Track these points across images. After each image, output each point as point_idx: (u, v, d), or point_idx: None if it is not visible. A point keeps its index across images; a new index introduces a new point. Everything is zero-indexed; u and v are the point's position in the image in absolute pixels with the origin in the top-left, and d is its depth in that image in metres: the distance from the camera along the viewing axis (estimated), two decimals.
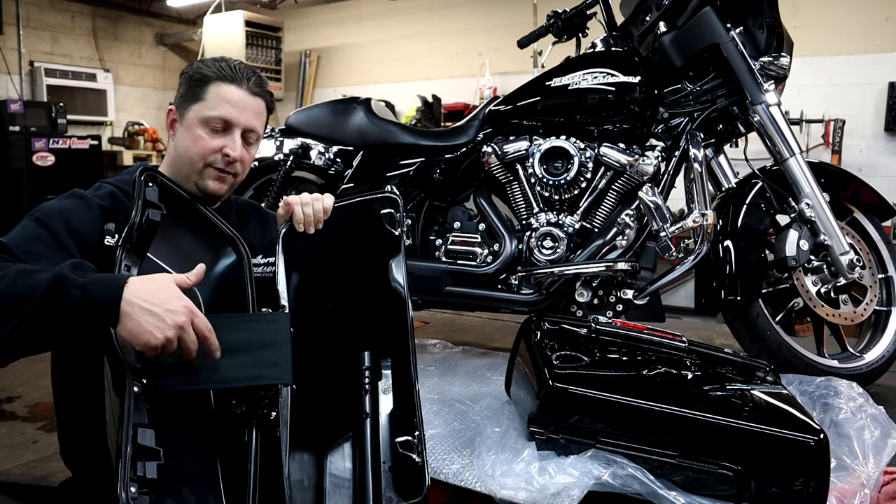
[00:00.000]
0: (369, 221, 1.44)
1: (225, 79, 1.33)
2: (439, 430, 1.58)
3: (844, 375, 1.93)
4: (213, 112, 1.31)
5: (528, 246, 2.15)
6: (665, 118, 2.13)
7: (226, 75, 1.33)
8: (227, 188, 1.37)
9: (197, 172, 1.33)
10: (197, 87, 1.33)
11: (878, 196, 2.15)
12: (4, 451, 2.16)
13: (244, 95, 1.34)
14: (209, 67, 1.34)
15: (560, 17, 2.35)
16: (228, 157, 1.32)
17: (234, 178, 1.37)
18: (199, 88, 1.33)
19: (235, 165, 1.34)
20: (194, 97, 1.33)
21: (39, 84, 6.37)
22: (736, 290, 1.95)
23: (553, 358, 1.44)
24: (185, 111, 1.34)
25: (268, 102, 1.41)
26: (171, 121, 1.37)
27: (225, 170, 1.34)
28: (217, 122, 1.32)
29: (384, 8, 6.61)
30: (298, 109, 2.52)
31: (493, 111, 2.25)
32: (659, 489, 1.24)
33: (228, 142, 1.33)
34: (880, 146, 4.67)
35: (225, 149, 1.32)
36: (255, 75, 1.38)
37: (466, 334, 2.69)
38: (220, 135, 1.33)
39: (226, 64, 1.35)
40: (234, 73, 1.34)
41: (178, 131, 1.36)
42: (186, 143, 1.33)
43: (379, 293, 1.42)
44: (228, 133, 1.33)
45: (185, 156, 1.33)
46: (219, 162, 1.33)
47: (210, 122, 1.32)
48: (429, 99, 6.04)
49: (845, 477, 1.38)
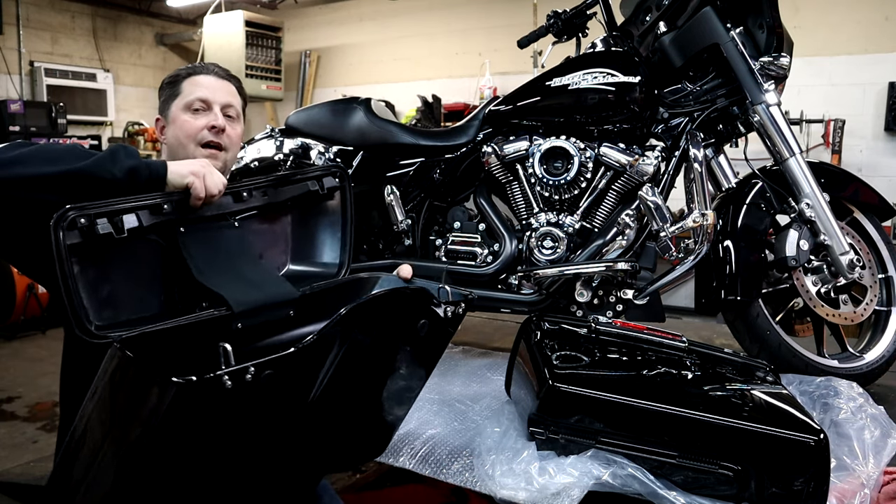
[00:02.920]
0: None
1: (193, 73, 1.49)
2: (439, 430, 1.58)
3: (844, 375, 1.93)
4: (191, 96, 1.45)
5: (528, 246, 2.15)
6: (665, 118, 2.13)
7: (194, 69, 1.50)
8: (220, 165, 1.45)
9: (191, 155, 1.42)
10: (173, 88, 1.49)
11: (878, 196, 2.15)
12: (4, 451, 2.16)
13: (213, 79, 1.49)
14: (181, 70, 1.51)
15: (560, 17, 2.35)
16: (215, 128, 1.44)
17: (224, 154, 1.47)
18: (174, 88, 1.48)
19: (223, 137, 1.45)
20: (172, 96, 1.48)
21: (39, 84, 6.37)
22: (736, 290, 1.95)
23: (553, 358, 1.44)
24: (168, 111, 1.48)
25: (237, 87, 1.54)
26: (161, 128, 1.50)
27: (214, 142, 1.44)
28: (196, 103, 1.45)
29: (384, 8, 6.61)
30: (298, 109, 2.52)
31: (493, 111, 2.25)
32: (659, 489, 1.24)
33: (211, 118, 1.45)
34: (880, 146, 4.67)
35: (209, 122, 1.44)
36: (219, 67, 1.53)
37: (466, 334, 2.69)
38: (203, 114, 1.45)
39: (194, 64, 1.53)
40: (201, 66, 1.51)
41: (167, 133, 1.48)
42: (176, 133, 1.45)
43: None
44: (209, 111, 1.46)
45: (178, 145, 1.45)
46: (208, 135, 1.44)
47: (190, 105, 1.45)
48: (429, 99, 6.03)
49: (845, 477, 1.38)
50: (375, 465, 2.06)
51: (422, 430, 1.58)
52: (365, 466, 2.31)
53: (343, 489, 2.18)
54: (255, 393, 0.94)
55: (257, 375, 0.92)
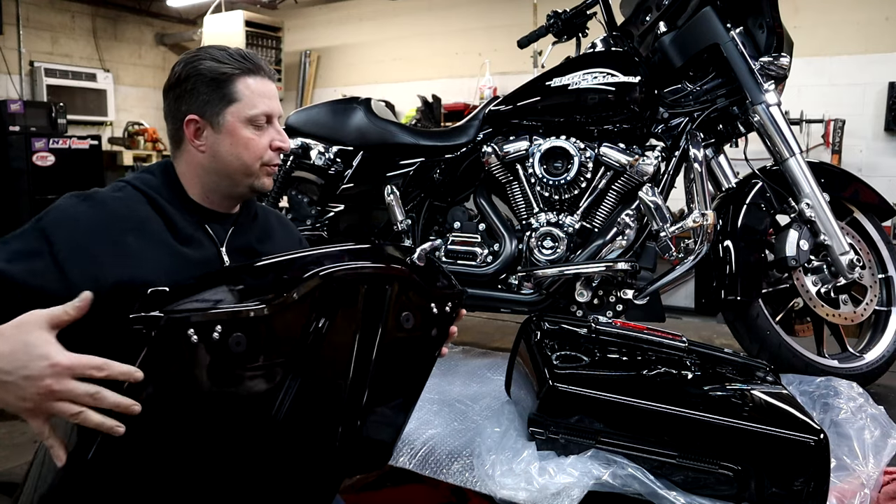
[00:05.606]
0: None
1: (245, 72, 1.24)
2: (439, 430, 1.58)
3: (844, 375, 1.93)
4: (255, 110, 1.24)
5: (528, 246, 2.15)
6: (665, 118, 2.13)
7: (244, 67, 1.25)
8: (271, 181, 1.33)
9: (253, 174, 1.27)
10: (222, 89, 1.23)
11: (878, 196, 2.15)
12: (5, 451, 2.16)
13: (268, 83, 1.28)
14: (222, 63, 1.24)
15: (560, 17, 2.35)
16: (280, 150, 1.28)
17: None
18: (224, 89, 1.23)
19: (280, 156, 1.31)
20: (225, 99, 1.23)
21: (39, 84, 6.37)
22: (736, 290, 1.95)
23: (553, 358, 1.44)
24: (219, 116, 1.23)
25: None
26: (196, 130, 1.24)
27: (277, 164, 1.30)
28: (261, 118, 1.25)
29: (384, 8, 6.61)
30: (298, 109, 2.52)
31: (493, 111, 2.25)
32: (659, 489, 1.24)
33: (273, 134, 1.28)
34: (880, 146, 4.67)
35: (274, 142, 1.27)
36: (258, 58, 1.30)
37: (466, 334, 2.69)
38: (264, 130, 1.27)
39: (229, 54, 1.25)
40: (249, 62, 1.26)
41: (210, 140, 1.24)
42: (236, 149, 1.24)
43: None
44: (270, 125, 1.28)
45: (237, 163, 1.25)
46: (274, 158, 1.28)
47: (255, 120, 1.25)
48: (429, 99, 6.04)
49: (845, 477, 1.38)
50: None
51: (422, 431, 1.58)
52: None
53: (343, 489, 2.17)
54: (233, 360, 0.94)
55: (225, 335, 0.92)
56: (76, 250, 1.06)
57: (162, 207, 1.20)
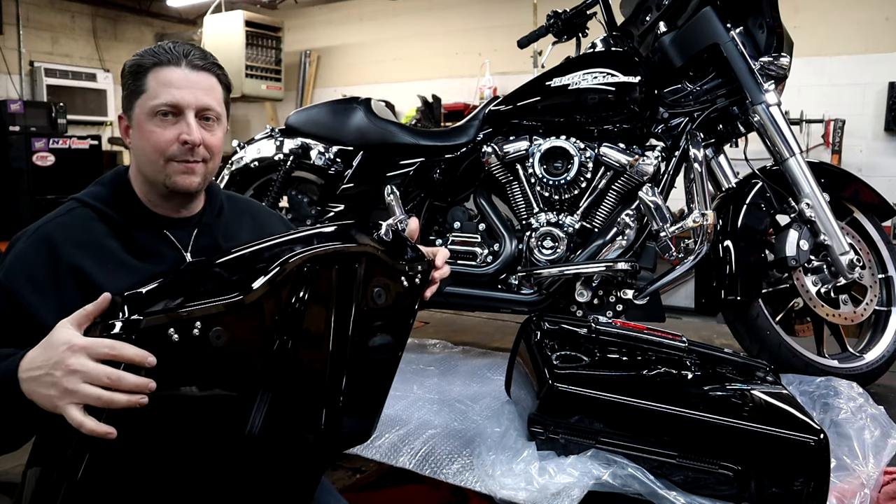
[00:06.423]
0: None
1: (161, 63, 1.18)
2: (439, 430, 1.58)
3: (844, 375, 1.93)
4: (157, 100, 1.17)
5: (528, 246, 2.15)
6: (665, 118, 2.13)
7: (162, 59, 1.18)
8: (200, 180, 1.21)
9: (161, 171, 1.19)
10: (136, 81, 1.19)
11: (878, 196, 2.14)
12: None
13: (186, 73, 1.18)
14: (145, 56, 1.19)
15: (560, 17, 2.35)
16: (187, 143, 1.17)
17: (204, 167, 1.21)
18: (138, 81, 1.18)
19: (198, 151, 1.19)
20: (136, 92, 1.19)
21: (39, 84, 6.37)
22: (736, 290, 1.95)
23: (553, 358, 1.44)
24: (132, 111, 1.20)
25: (218, 76, 1.24)
26: (125, 128, 1.23)
27: (189, 159, 1.19)
28: (163, 108, 1.17)
29: (384, 8, 6.61)
30: (298, 109, 2.52)
31: (493, 111, 2.25)
32: (659, 489, 1.24)
33: (182, 128, 1.18)
34: (880, 146, 4.67)
35: (181, 136, 1.17)
36: (196, 49, 1.22)
37: (466, 334, 2.69)
38: (173, 123, 1.18)
39: (161, 46, 1.20)
40: (170, 52, 1.19)
41: (132, 136, 1.21)
42: (141, 143, 1.19)
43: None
44: (181, 118, 1.18)
45: (144, 157, 1.20)
46: (179, 153, 1.18)
47: (156, 111, 1.17)
48: (429, 99, 6.04)
49: (845, 477, 1.38)
50: (375, 465, 2.06)
51: (422, 431, 1.58)
52: (365, 466, 2.31)
53: (343, 489, 2.18)
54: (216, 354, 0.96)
55: (205, 330, 0.93)
56: (39, 293, 1.08)
57: (115, 222, 1.18)
